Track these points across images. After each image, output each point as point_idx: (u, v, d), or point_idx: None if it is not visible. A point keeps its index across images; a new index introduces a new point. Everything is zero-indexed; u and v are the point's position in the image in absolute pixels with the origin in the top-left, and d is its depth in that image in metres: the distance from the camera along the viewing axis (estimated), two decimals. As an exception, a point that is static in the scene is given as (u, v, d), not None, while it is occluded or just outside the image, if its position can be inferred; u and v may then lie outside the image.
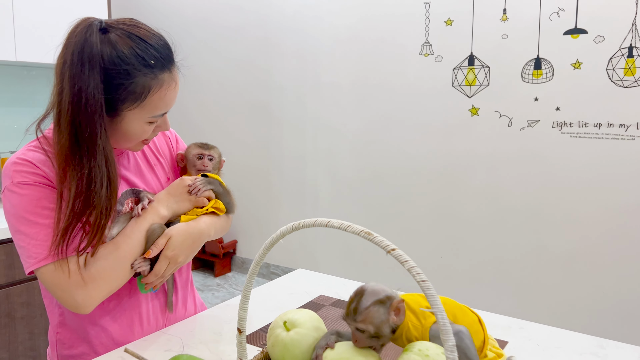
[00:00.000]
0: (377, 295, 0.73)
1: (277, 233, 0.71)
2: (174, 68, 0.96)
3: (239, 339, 0.77)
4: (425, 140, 2.96)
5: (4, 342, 1.86)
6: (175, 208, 1.04)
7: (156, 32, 0.95)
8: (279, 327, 0.78)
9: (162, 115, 0.98)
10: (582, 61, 2.45)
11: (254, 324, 1.10)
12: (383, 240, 0.64)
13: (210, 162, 1.14)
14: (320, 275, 1.40)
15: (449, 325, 0.59)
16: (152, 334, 1.07)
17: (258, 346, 0.99)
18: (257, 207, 3.79)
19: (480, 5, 2.70)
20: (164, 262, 0.99)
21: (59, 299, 0.93)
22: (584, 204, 2.52)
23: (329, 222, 0.68)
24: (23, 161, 0.93)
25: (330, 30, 3.26)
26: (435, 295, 0.60)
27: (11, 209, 0.92)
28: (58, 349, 1.05)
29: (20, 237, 0.91)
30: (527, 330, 1.07)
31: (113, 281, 0.95)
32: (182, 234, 1.02)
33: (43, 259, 0.90)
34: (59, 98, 0.88)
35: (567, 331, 1.05)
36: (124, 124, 0.93)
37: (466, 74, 2.79)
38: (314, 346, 0.77)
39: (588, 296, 2.53)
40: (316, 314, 0.81)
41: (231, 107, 3.82)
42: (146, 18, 4.25)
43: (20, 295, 1.89)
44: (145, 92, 0.90)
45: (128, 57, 0.88)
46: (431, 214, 2.98)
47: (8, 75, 2.33)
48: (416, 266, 0.61)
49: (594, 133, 2.46)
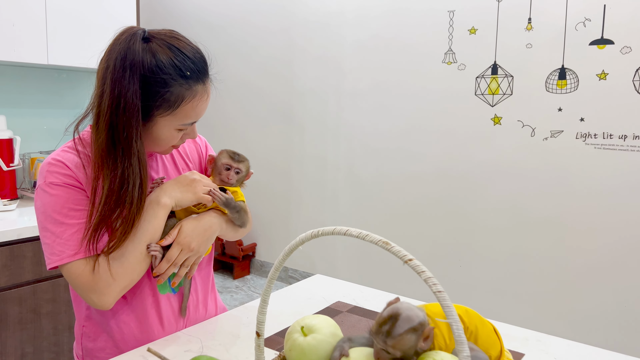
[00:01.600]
0: (412, 323, 0.71)
1: (297, 240, 0.73)
2: (208, 80, 1.00)
3: (257, 342, 0.79)
4: (447, 148, 2.96)
5: (29, 337, 1.92)
6: (178, 197, 1.03)
7: (194, 44, 1.00)
8: (296, 332, 0.79)
9: (192, 124, 1.02)
10: (608, 72, 2.42)
11: (271, 327, 1.12)
12: (400, 250, 0.65)
13: (236, 175, 1.14)
14: (338, 282, 1.42)
15: (464, 336, 0.60)
16: (172, 334, 1.09)
17: (275, 350, 1.00)
18: (277, 211, 3.82)
19: (505, 14, 2.69)
20: (176, 248, 1.01)
21: (81, 295, 0.97)
22: (607, 216, 2.48)
23: (348, 231, 0.69)
24: (57, 162, 0.97)
25: (354, 37, 3.28)
26: (451, 307, 0.61)
27: (41, 206, 0.97)
28: (83, 342, 1.09)
29: (46, 235, 0.96)
30: (544, 343, 1.06)
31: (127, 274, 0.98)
32: (191, 222, 1.05)
33: (66, 256, 0.94)
34: (99, 100, 0.93)
35: (587, 346, 1.05)
36: (155, 129, 0.97)
37: (489, 82, 2.77)
38: (330, 356, 0.79)
39: (611, 310, 2.49)
40: (333, 320, 0.83)
41: (254, 110, 3.86)
42: (173, 23, 4.34)
43: (46, 292, 1.95)
44: (179, 101, 0.95)
45: (166, 67, 0.92)
46: (451, 221, 2.97)
47: (40, 77, 2.40)
48: (433, 277, 0.62)
49: (619, 145, 2.43)
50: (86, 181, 0.97)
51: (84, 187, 0.97)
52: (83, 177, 0.97)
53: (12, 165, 2.17)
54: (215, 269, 4.10)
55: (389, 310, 0.74)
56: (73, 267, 0.95)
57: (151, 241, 0.99)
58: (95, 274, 0.96)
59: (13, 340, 1.87)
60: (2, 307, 1.83)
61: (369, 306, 1.25)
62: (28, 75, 2.36)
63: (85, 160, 0.97)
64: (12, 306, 1.85)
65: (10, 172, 2.20)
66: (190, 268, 1.08)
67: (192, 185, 1.05)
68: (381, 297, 1.31)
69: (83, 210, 0.96)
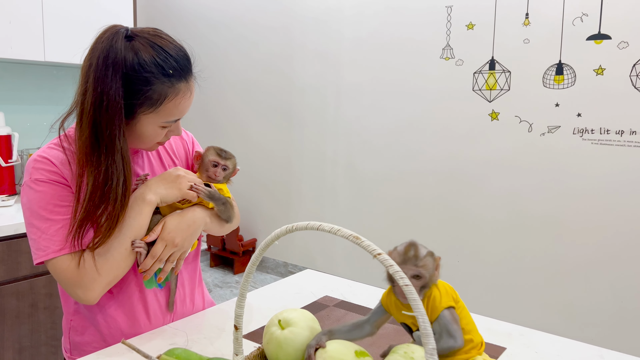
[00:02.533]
0: (427, 248, 0.80)
1: (272, 235, 0.74)
2: (191, 78, 1.01)
3: (235, 335, 0.80)
4: (445, 143, 2.96)
5: (27, 330, 1.94)
6: (163, 194, 1.04)
7: (177, 43, 1.00)
8: (274, 326, 0.81)
9: (175, 122, 1.02)
10: (605, 67, 2.41)
11: (257, 321, 1.13)
12: (370, 244, 0.66)
13: (223, 172, 1.14)
14: (327, 277, 1.43)
15: (430, 329, 0.61)
16: (159, 327, 1.11)
17: (259, 343, 1.02)
18: (277, 206, 3.83)
19: (503, 10, 2.68)
20: (160, 244, 1.03)
21: (66, 290, 0.99)
22: (603, 211, 2.48)
23: (320, 226, 0.70)
24: (42, 159, 0.99)
25: (353, 33, 3.28)
26: (418, 300, 0.62)
27: (27, 203, 0.98)
28: (71, 336, 1.11)
29: (32, 230, 0.97)
30: (527, 337, 1.07)
31: (112, 269, 0.99)
32: (175, 217, 1.06)
33: (51, 252, 0.96)
34: (82, 98, 0.94)
35: (568, 340, 1.05)
36: (138, 126, 0.98)
37: (487, 78, 2.77)
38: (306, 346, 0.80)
39: (607, 306, 2.49)
40: (311, 314, 0.84)
41: (254, 107, 3.87)
42: (173, 19, 4.35)
43: (44, 287, 1.97)
44: (162, 99, 0.96)
45: (148, 65, 0.93)
46: (448, 217, 2.97)
47: (38, 74, 2.42)
48: (400, 271, 0.64)
49: (615, 140, 2.42)
50: (71, 178, 0.99)
51: (69, 184, 0.98)
52: (68, 173, 0.98)
53: (10, 161, 2.20)
54: (216, 264, 4.12)
55: (402, 244, 0.80)
56: (58, 262, 0.96)
57: (136, 237, 1.01)
58: (80, 269, 0.97)
59: (11, 334, 1.90)
60: (0, 302, 1.85)
61: (357, 301, 1.26)
62: (26, 72, 2.38)
63: (71, 156, 0.99)
64: (9, 300, 1.88)
65: (9, 168, 2.22)
66: (176, 263, 1.09)
67: (177, 182, 1.06)
68: (369, 291, 1.32)
69: (68, 207, 0.97)
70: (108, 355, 0.97)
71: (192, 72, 1.01)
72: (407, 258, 0.77)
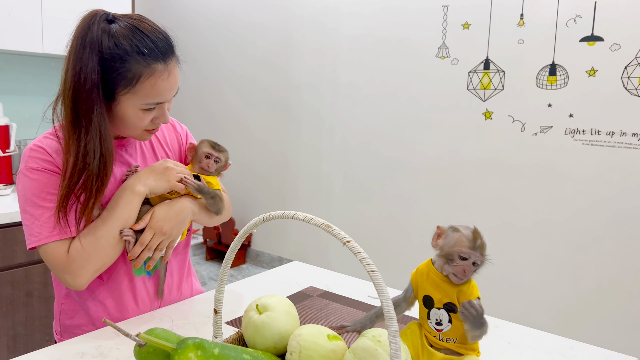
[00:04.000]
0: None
1: (250, 223, 0.78)
2: (170, 61, 1.01)
3: (215, 318, 0.84)
4: (438, 141, 2.99)
5: (22, 318, 1.98)
6: (152, 185, 1.07)
7: (159, 27, 1.02)
8: (252, 310, 0.84)
9: (158, 105, 1.03)
10: (597, 68, 2.44)
11: (242, 309, 1.16)
12: (340, 232, 0.69)
13: (215, 164, 1.18)
14: (313, 268, 1.46)
15: (393, 312, 0.64)
16: (146, 313, 1.14)
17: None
18: (272, 202, 3.87)
19: (498, 10, 2.71)
20: (149, 232, 1.06)
21: (56, 275, 1.02)
22: (594, 211, 2.51)
23: (295, 215, 0.74)
24: (37, 148, 1.02)
25: (349, 30, 3.31)
26: (383, 285, 0.66)
27: (22, 190, 1.02)
28: (61, 319, 1.15)
29: (26, 217, 1.01)
30: (502, 329, 1.11)
31: (100, 257, 1.02)
32: (164, 207, 1.09)
33: (43, 237, 0.99)
34: (64, 78, 0.98)
35: (540, 331, 1.09)
36: (119, 108, 1.00)
37: (481, 77, 2.80)
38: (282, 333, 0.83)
39: (596, 304, 2.53)
40: (288, 300, 0.87)
41: (251, 103, 3.90)
42: (170, 17, 4.37)
43: (38, 275, 2.01)
44: (136, 78, 0.97)
45: (122, 44, 0.96)
46: (441, 214, 3.01)
47: (36, 66, 2.45)
48: (368, 257, 0.67)
49: (606, 141, 2.45)
50: None
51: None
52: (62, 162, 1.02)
53: (8, 151, 2.23)
54: (212, 258, 4.16)
55: (467, 229, 0.82)
56: (49, 248, 1.00)
57: (124, 227, 1.04)
58: (69, 255, 1.00)
59: (5, 321, 1.93)
60: (-5, 288, 1.89)
61: (340, 292, 1.29)
62: (25, 64, 2.41)
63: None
64: (4, 288, 1.91)
65: (6, 158, 2.26)
66: (165, 252, 1.12)
67: (166, 173, 1.09)
68: (353, 283, 1.36)
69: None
70: (96, 337, 1.01)
71: (173, 55, 1.02)
72: (475, 246, 0.80)
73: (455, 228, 0.84)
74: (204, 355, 0.69)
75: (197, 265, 4.00)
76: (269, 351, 0.81)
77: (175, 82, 1.03)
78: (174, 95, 1.07)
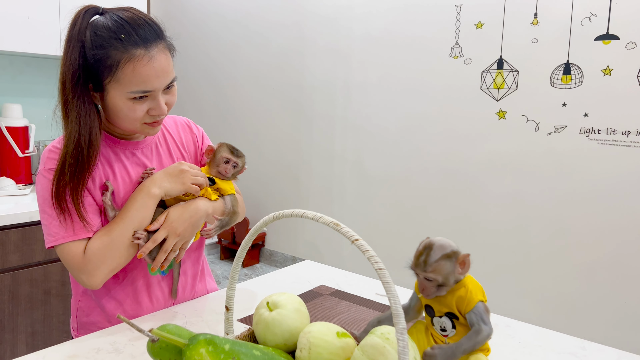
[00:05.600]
0: (445, 250, 0.80)
1: (261, 222, 0.79)
2: (153, 46, 0.99)
3: (226, 315, 0.85)
4: (451, 142, 2.98)
5: (40, 316, 2.02)
6: (167, 188, 1.08)
7: (144, 15, 1.02)
8: (262, 307, 0.85)
9: (150, 95, 1.01)
10: (613, 67, 2.42)
11: (253, 307, 1.18)
12: (349, 231, 0.70)
13: (233, 169, 1.19)
14: (325, 267, 1.47)
15: (401, 310, 0.65)
16: (159, 310, 1.16)
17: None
18: (285, 202, 3.89)
19: (511, 9, 2.69)
20: (162, 232, 1.07)
21: (72, 274, 1.05)
22: (608, 211, 2.48)
23: (304, 213, 0.75)
24: (55, 149, 1.05)
25: (362, 31, 3.31)
26: (391, 282, 0.66)
27: (40, 190, 1.05)
28: (78, 316, 1.18)
29: (44, 217, 1.04)
30: (513, 328, 1.11)
31: (114, 257, 1.04)
32: (178, 208, 1.11)
33: (60, 237, 1.02)
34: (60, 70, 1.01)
35: (551, 331, 1.09)
36: (109, 99, 1.01)
37: (495, 77, 2.79)
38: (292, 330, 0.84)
39: (610, 306, 2.50)
40: (299, 298, 0.88)
41: (264, 102, 3.93)
42: (185, 17, 4.41)
43: (57, 273, 2.04)
44: (115, 64, 0.97)
45: (101, 32, 0.97)
46: (454, 214, 3.00)
47: (55, 68, 2.49)
48: (375, 255, 0.68)
49: (621, 141, 2.43)
50: None
51: None
52: None
53: (27, 152, 2.28)
54: (226, 257, 4.19)
55: (423, 243, 0.82)
56: (66, 248, 1.03)
57: (139, 228, 1.06)
58: (85, 256, 1.03)
59: (24, 319, 1.98)
60: (14, 287, 1.93)
61: (351, 290, 1.30)
62: (43, 66, 2.46)
63: None
64: (23, 286, 1.96)
65: (25, 159, 2.30)
66: (178, 252, 1.14)
67: (181, 176, 1.10)
68: (364, 282, 1.37)
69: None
70: (111, 334, 1.03)
71: (157, 41, 1.00)
72: (417, 263, 0.81)
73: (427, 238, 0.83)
74: (215, 351, 0.71)
75: (211, 265, 4.04)
76: (279, 348, 0.83)
77: (161, 69, 1.00)
78: (170, 86, 1.04)
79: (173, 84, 1.06)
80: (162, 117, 1.07)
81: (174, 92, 1.07)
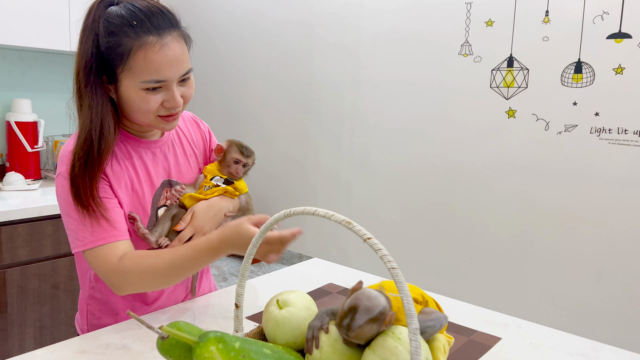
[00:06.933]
0: (371, 314, 0.72)
1: (272, 219, 0.78)
2: (166, 34, 0.96)
3: (235, 313, 0.85)
4: (460, 140, 2.96)
5: (48, 310, 2.03)
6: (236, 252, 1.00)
7: (159, 4, 1.00)
8: (272, 305, 0.85)
9: (164, 86, 0.98)
10: (625, 66, 2.39)
11: (262, 304, 1.17)
12: (361, 229, 0.70)
13: (243, 168, 1.20)
14: (334, 265, 1.47)
15: (414, 310, 0.64)
16: (168, 307, 1.16)
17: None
18: (292, 199, 3.88)
19: (522, 7, 2.67)
20: (189, 230, 1.08)
21: (101, 277, 1.01)
22: (619, 212, 2.46)
23: (316, 211, 0.74)
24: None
25: (371, 28, 3.30)
26: (404, 282, 0.66)
27: (62, 193, 1.01)
28: (88, 319, 1.16)
29: (69, 220, 1.01)
30: (523, 329, 1.09)
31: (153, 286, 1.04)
32: (204, 206, 1.11)
33: (89, 242, 0.99)
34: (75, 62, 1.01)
35: (563, 332, 1.07)
36: (123, 89, 0.98)
37: (505, 75, 2.76)
38: (308, 325, 0.83)
39: (620, 305, 2.48)
40: (308, 296, 0.88)
41: (272, 100, 3.92)
42: (195, 14, 4.40)
43: (65, 268, 2.05)
44: (127, 52, 0.94)
45: (113, 18, 0.96)
46: (462, 212, 2.98)
47: (64, 64, 2.50)
48: (388, 254, 0.67)
49: (633, 140, 2.40)
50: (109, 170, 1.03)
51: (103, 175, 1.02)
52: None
53: (37, 147, 2.28)
54: (232, 254, 4.19)
55: (348, 302, 0.75)
56: (95, 252, 0.99)
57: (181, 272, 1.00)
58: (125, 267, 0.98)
59: (32, 313, 1.98)
60: (23, 281, 1.94)
61: (360, 289, 1.29)
62: (52, 61, 2.47)
63: None
64: (31, 280, 1.96)
65: (35, 154, 2.31)
66: None
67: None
68: (373, 281, 1.36)
69: (105, 198, 1.01)
70: (120, 330, 1.03)
71: (170, 29, 0.97)
72: (340, 325, 0.74)
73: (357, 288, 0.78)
74: (225, 349, 0.70)
75: (218, 261, 4.04)
76: (289, 346, 0.82)
77: (174, 58, 0.96)
78: (185, 78, 1.01)
79: (189, 75, 1.02)
80: (178, 110, 1.03)
81: (190, 85, 1.03)
